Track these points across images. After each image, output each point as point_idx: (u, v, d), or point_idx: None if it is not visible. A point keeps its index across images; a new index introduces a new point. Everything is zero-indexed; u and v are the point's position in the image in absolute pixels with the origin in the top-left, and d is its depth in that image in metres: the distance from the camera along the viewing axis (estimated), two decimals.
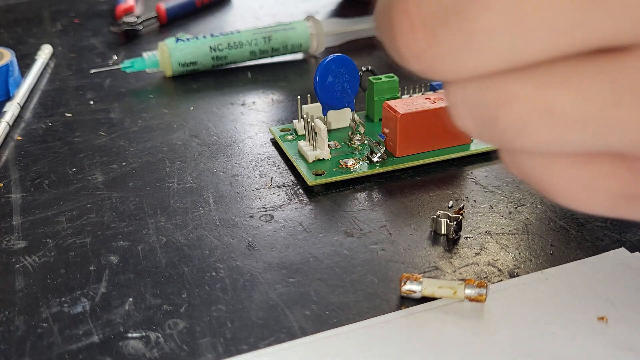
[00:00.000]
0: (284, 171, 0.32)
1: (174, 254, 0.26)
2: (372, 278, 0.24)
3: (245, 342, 0.21)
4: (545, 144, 0.13)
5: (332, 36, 0.47)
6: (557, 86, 0.13)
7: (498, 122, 0.13)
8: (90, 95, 0.42)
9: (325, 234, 0.27)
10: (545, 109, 0.13)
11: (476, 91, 0.13)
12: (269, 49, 0.45)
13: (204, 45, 0.43)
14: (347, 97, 0.32)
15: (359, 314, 0.22)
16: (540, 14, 0.12)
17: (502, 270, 0.24)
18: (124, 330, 0.22)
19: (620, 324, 0.21)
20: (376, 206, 0.28)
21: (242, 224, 0.28)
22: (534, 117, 0.13)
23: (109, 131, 0.37)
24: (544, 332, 0.21)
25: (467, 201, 0.28)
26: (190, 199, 0.30)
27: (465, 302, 0.22)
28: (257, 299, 0.23)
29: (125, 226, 0.28)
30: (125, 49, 0.50)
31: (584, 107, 0.12)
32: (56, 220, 0.28)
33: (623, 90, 0.12)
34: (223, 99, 0.40)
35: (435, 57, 0.13)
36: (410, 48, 0.13)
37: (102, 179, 0.32)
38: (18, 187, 0.31)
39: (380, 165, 0.31)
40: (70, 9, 0.61)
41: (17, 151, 0.35)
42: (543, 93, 0.13)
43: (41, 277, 0.25)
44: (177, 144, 0.35)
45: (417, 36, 0.13)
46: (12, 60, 0.42)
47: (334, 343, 0.21)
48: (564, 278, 0.23)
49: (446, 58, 0.13)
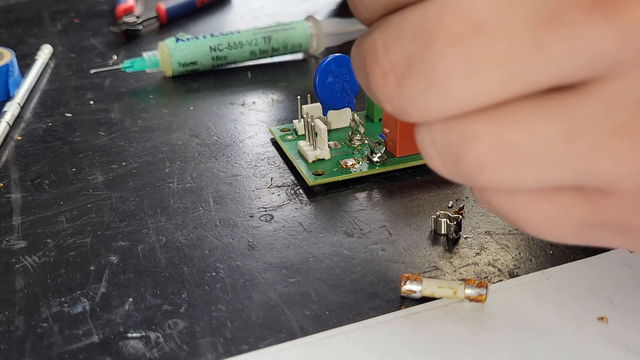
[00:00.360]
0: (284, 171, 0.32)
1: (174, 254, 0.26)
2: (372, 278, 0.24)
3: (245, 342, 0.21)
4: (505, 180, 0.14)
5: (332, 36, 0.47)
6: (511, 125, 0.14)
7: (461, 160, 0.14)
8: (90, 95, 0.42)
9: (325, 234, 0.27)
10: (502, 147, 0.14)
11: (441, 132, 0.14)
12: (269, 49, 0.45)
13: (204, 45, 0.43)
14: (347, 97, 0.32)
15: (359, 314, 0.22)
16: (486, 61, 0.13)
17: (502, 270, 0.24)
18: (124, 330, 0.22)
19: (620, 324, 0.21)
20: (376, 206, 0.28)
21: (242, 224, 0.28)
22: (492, 154, 0.14)
23: (109, 131, 0.37)
24: (544, 332, 0.21)
25: (467, 201, 0.28)
26: (190, 199, 0.30)
27: (465, 302, 0.22)
28: (257, 299, 0.23)
29: (125, 226, 0.28)
30: (125, 49, 0.50)
31: (536, 144, 0.13)
32: (56, 220, 0.28)
33: (571, 127, 0.13)
34: (223, 99, 0.40)
35: (404, 101, 0.14)
36: (382, 93, 0.14)
37: (102, 179, 0.32)
38: (18, 187, 0.31)
39: (380, 165, 0.31)
40: (70, 9, 0.61)
41: (17, 151, 0.35)
42: (499, 132, 0.14)
43: (41, 277, 0.25)
44: (177, 144, 0.35)
45: (387, 82, 0.14)
46: (12, 60, 0.42)
47: (334, 343, 0.21)
48: (564, 278, 0.23)
49: (413, 101, 0.14)
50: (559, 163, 0.14)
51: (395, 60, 0.14)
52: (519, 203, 0.15)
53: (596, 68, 0.13)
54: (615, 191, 0.14)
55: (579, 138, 0.13)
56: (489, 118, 0.14)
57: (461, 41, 0.13)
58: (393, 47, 0.14)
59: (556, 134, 0.13)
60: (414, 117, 0.14)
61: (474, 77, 0.13)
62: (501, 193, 0.15)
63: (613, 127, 0.13)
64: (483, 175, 0.14)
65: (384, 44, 0.14)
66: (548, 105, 0.13)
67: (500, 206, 0.16)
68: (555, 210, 0.15)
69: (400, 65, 0.14)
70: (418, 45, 0.13)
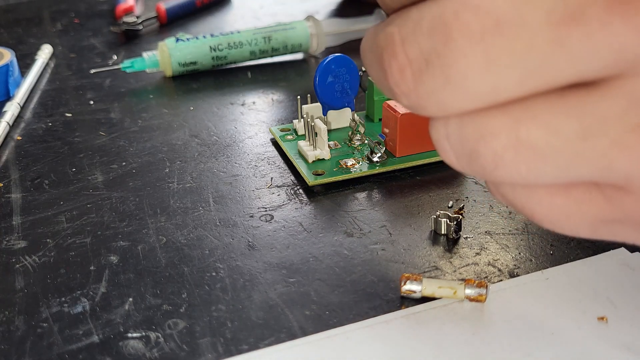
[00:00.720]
0: (284, 171, 0.32)
1: (174, 254, 0.26)
2: (372, 278, 0.24)
3: (245, 342, 0.21)
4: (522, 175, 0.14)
5: (332, 36, 0.47)
6: (529, 121, 0.14)
7: (477, 155, 0.14)
8: (90, 95, 0.42)
9: (325, 234, 0.27)
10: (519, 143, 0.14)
11: (457, 127, 0.15)
12: (269, 49, 0.45)
13: (204, 45, 0.43)
14: (347, 97, 0.32)
15: (359, 314, 0.22)
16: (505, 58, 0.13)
17: (502, 270, 0.24)
18: (124, 330, 0.22)
19: (620, 324, 0.21)
20: (376, 206, 0.28)
21: (242, 224, 0.28)
22: (509, 151, 0.14)
23: (109, 131, 0.37)
24: (544, 332, 0.21)
25: (467, 201, 0.28)
26: (190, 199, 0.30)
27: (465, 302, 0.22)
28: (257, 299, 0.23)
29: (125, 226, 0.28)
30: (125, 49, 0.50)
31: (553, 141, 0.13)
32: (56, 220, 0.28)
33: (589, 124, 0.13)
34: (223, 99, 0.40)
35: (421, 96, 0.14)
36: (399, 87, 0.14)
37: (102, 179, 0.32)
38: (18, 187, 0.31)
39: (380, 165, 0.31)
40: (70, 9, 0.61)
41: (17, 151, 0.35)
42: (516, 128, 0.14)
43: (41, 277, 0.25)
44: (177, 144, 0.35)
45: (405, 76, 0.14)
46: (12, 60, 0.42)
47: (334, 343, 0.21)
48: (564, 278, 0.23)
49: (430, 96, 0.14)
50: (576, 160, 0.13)
51: (412, 55, 0.14)
52: (535, 198, 0.15)
53: (616, 66, 0.13)
54: (632, 188, 0.14)
55: (597, 135, 0.13)
56: (506, 114, 0.14)
57: (480, 38, 0.13)
58: (411, 41, 0.14)
59: (574, 131, 0.13)
60: (430, 112, 0.14)
61: (492, 73, 0.13)
62: (517, 188, 0.15)
63: (632, 124, 0.13)
64: (499, 171, 0.14)
65: (402, 38, 0.14)
66: (567, 102, 0.13)
67: (515, 200, 0.16)
68: (571, 205, 0.15)
69: (417, 60, 0.14)
70: (436, 41, 0.13)
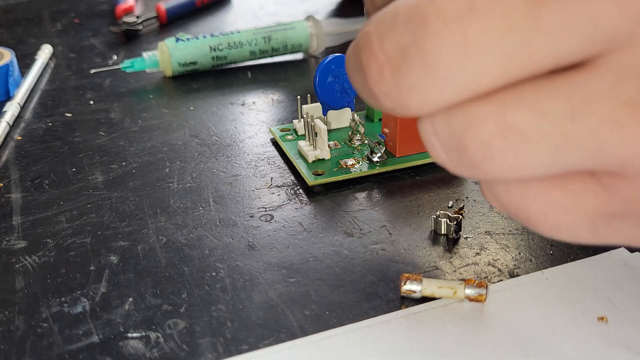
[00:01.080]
0: (284, 171, 0.32)
1: (174, 254, 0.26)
2: (372, 278, 0.24)
3: (245, 342, 0.21)
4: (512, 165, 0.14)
5: (332, 36, 0.47)
6: (515, 106, 0.13)
7: (465, 147, 0.14)
8: (90, 95, 0.42)
9: (325, 234, 0.27)
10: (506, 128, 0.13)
11: (443, 121, 0.14)
12: (269, 49, 0.45)
13: (204, 45, 0.43)
14: (347, 97, 0.32)
15: (359, 314, 0.22)
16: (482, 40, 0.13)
17: (502, 270, 0.24)
18: (124, 330, 0.22)
19: (620, 324, 0.21)
20: (376, 206, 0.28)
21: (242, 224, 0.28)
22: (497, 138, 0.13)
23: (109, 131, 0.37)
24: (544, 332, 0.21)
25: (467, 201, 0.28)
26: (190, 199, 0.30)
27: (465, 302, 0.22)
28: (257, 299, 0.23)
29: (125, 226, 0.28)
30: (125, 49, 0.50)
31: (542, 124, 0.13)
32: (56, 220, 0.28)
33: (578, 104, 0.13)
34: (223, 99, 0.40)
35: (402, 92, 0.14)
36: (379, 86, 0.14)
37: (102, 179, 0.32)
38: (18, 187, 0.31)
39: (380, 165, 0.31)
40: (70, 9, 0.61)
41: (17, 151, 0.35)
42: (503, 114, 0.13)
43: (41, 277, 0.25)
44: (177, 144, 0.35)
45: (384, 74, 0.14)
46: (12, 60, 0.42)
47: (334, 343, 0.21)
48: (564, 278, 0.23)
49: (411, 91, 0.14)
50: (567, 143, 0.13)
51: (390, 51, 0.14)
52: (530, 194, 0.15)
53: (598, 41, 0.12)
54: (628, 172, 0.13)
55: (586, 114, 0.13)
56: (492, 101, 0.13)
57: (455, 21, 0.13)
58: (388, 37, 0.14)
59: (563, 112, 0.13)
60: (414, 110, 0.14)
61: (471, 58, 0.13)
62: (510, 187, 0.15)
63: (621, 100, 0.12)
64: (488, 164, 0.14)
65: (379, 35, 0.14)
66: (553, 84, 0.13)
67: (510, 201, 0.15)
68: (567, 198, 0.14)
69: (395, 55, 0.14)
70: (412, 30, 0.13)
